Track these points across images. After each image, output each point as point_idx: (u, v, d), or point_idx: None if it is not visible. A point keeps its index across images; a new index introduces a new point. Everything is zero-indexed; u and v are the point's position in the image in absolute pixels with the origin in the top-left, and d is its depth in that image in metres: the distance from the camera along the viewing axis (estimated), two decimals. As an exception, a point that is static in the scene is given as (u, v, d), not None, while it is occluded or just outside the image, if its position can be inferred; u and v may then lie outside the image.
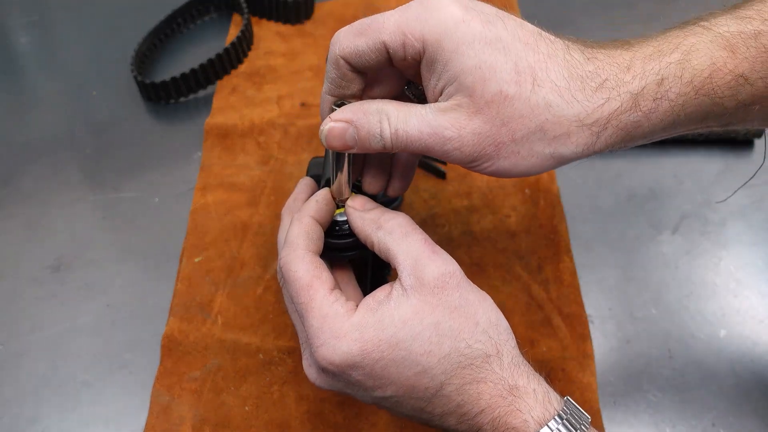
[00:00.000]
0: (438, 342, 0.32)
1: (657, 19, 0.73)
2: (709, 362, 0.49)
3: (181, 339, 0.51)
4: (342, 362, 0.32)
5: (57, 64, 0.76)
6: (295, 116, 0.66)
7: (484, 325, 0.33)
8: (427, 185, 0.60)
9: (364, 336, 0.32)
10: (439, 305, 0.33)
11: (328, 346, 0.32)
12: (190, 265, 0.56)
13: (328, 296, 0.34)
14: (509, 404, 0.32)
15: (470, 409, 0.32)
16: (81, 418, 0.49)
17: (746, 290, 0.52)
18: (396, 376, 0.32)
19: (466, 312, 0.33)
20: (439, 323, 0.32)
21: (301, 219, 0.37)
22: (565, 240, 0.55)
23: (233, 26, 0.76)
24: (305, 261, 0.35)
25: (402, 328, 0.32)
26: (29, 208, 0.62)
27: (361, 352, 0.32)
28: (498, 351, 0.33)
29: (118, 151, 0.66)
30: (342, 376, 0.33)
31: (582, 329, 0.50)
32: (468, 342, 0.33)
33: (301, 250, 0.35)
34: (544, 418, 0.32)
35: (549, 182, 0.59)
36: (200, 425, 0.47)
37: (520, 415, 0.32)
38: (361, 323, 0.33)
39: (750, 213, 0.56)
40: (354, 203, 0.38)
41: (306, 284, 0.34)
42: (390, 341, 0.32)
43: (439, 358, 0.32)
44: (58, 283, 0.56)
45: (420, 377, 0.32)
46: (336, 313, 0.33)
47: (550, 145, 0.32)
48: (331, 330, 0.32)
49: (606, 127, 0.32)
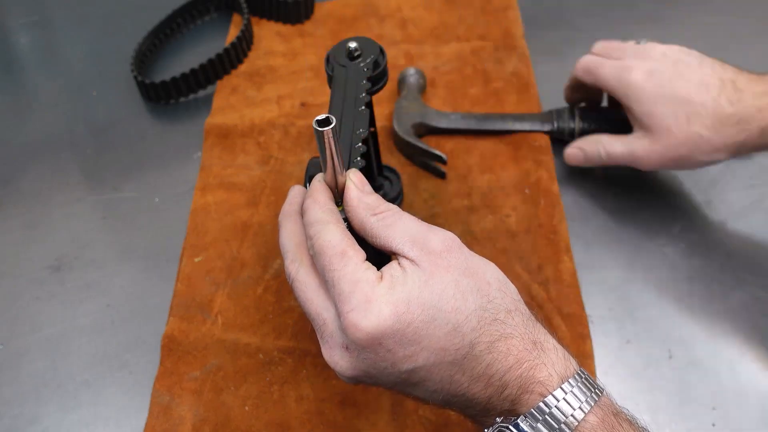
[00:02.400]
0: (462, 298, 0.33)
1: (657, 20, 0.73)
2: (709, 362, 0.49)
3: (181, 339, 0.51)
4: (373, 328, 0.32)
5: (57, 64, 0.76)
6: (295, 116, 0.66)
7: (496, 284, 0.35)
8: (427, 185, 0.60)
9: (395, 298, 0.32)
10: (450, 266, 0.34)
11: (359, 309, 0.32)
12: (190, 265, 0.56)
13: (360, 264, 0.34)
14: (535, 358, 0.33)
15: (499, 369, 0.33)
16: (81, 418, 0.49)
17: (746, 290, 0.52)
18: (428, 339, 0.32)
19: (476, 272, 0.34)
20: (458, 281, 0.33)
21: (318, 200, 0.37)
22: (565, 240, 0.55)
23: (233, 26, 0.76)
24: (338, 231, 0.35)
25: (425, 288, 0.33)
26: (29, 208, 0.62)
27: (394, 314, 0.32)
28: (516, 307, 0.34)
29: (118, 151, 0.66)
30: (370, 349, 0.33)
31: (582, 329, 0.50)
32: (488, 297, 0.34)
33: (332, 223, 0.35)
34: (565, 375, 0.33)
35: (549, 182, 0.59)
36: (200, 425, 0.47)
37: (545, 369, 0.33)
38: (390, 287, 0.33)
39: (750, 213, 0.56)
40: (354, 177, 0.38)
41: (340, 252, 0.34)
42: (419, 301, 0.32)
43: (467, 314, 0.33)
44: (58, 283, 0.56)
45: (451, 337, 0.32)
46: (368, 279, 0.33)
47: (709, 156, 0.51)
48: (364, 293, 0.33)
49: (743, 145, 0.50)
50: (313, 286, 0.36)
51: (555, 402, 0.32)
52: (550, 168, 0.60)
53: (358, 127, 0.41)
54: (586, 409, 0.32)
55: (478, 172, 0.60)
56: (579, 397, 0.32)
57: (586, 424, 0.32)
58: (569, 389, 0.32)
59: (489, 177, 0.60)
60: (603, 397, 0.33)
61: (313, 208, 0.37)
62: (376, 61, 0.45)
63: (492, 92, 0.67)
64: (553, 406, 0.32)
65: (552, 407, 0.32)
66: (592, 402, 0.32)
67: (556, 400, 0.32)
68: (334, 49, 0.46)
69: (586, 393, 0.32)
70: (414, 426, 0.46)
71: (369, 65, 0.45)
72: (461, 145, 0.62)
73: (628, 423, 0.33)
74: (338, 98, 0.43)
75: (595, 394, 0.33)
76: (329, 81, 0.46)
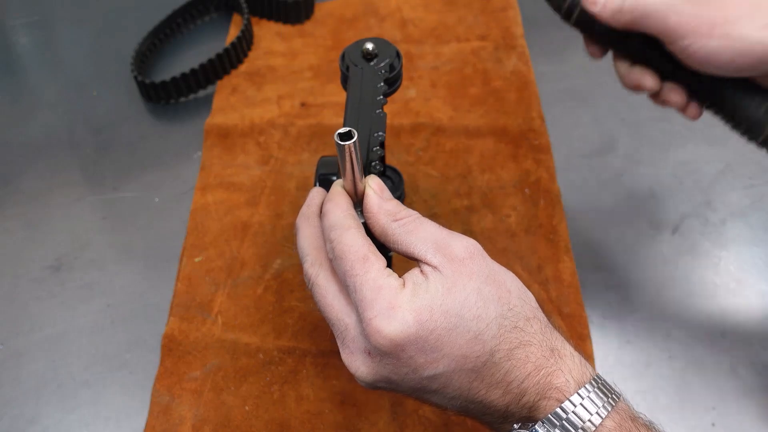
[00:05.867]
0: (484, 306, 0.33)
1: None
2: (709, 362, 0.49)
3: (181, 339, 0.51)
4: (396, 335, 0.32)
5: (57, 64, 0.76)
6: (295, 116, 0.66)
7: (516, 291, 0.35)
8: (427, 185, 0.60)
9: (418, 305, 0.32)
10: (473, 274, 0.34)
11: (383, 316, 0.32)
12: (190, 265, 0.56)
13: (383, 270, 0.34)
14: (552, 365, 0.33)
15: (517, 376, 0.33)
16: (81, 418, 0.49)
17: (746, 290, 0.52)
18: (449, 347, 0.32)
19: (497, 280, 0.34)
20: (480, 289, 0.33)
21: (339, 204, 0.37)
22: (565, 240, 0.55)
23: (233, 26, 0.76)
24: (359, 236, 0.35)
25: (448, 296, 0.33)
26: (29, 208, 0.62)
27: (417, 322, 0.32)
28: (534, 314, 0.35)
29: (118, 151, 0.66)
30: (393, 355, 0.33)
31: (582, 329, 0.50)
32: (509, 306, 0.34)
33: (353, 229, 0.35)
34: (582, 380, 0.33)
35: (549, 182, 0.59)
36: (200, 425, 0.47)
37: (562, 375, 0.33)
38: (413, 293, 0.33)
39: (750, 213, 0.56)
40: (373, 184, 0.37)
41: (362, 257, 0.34)
42: (442, 309, 0.33)
43: (488, 322, 0.33)
44: (58, 283, 0.56)
45: (472, 344, 0.33)
46: (390, 285, 0.33)
47: (760, 31, 0.37)
48: (387, 300, 0.33)
49: None
50: (334, 290, 0.36)
51: (572, 407, 0.32)
52: (550, 168, 0.60)
53: (376, 130, 0.41)
54: (603, 414, 0.32)
55: (478, 172, 0.60)
56: (596, 402, 0.32)
57: (604, 429, 0.32)
58: (586, 394, 0.32)
59: (489, 177, 0.60)
60: (620, 402, 0.34)
61: (334, 212, 0.37)
62: (392, 64, 0.45)
63: (492, 92, 0.67)
64: (570, 412, 0.32)
65: (569, 412, 0.32)
66: (609, 407, 0.32)
67: (573, 406, 0.32)
68: (349, 48, 0.46)
69: (603, 398, 0.33)
70: (414, 426, 0.46)
71: (385, 67, 0.45)
72: (461, 145, 0.62)
73: (645, 427, 0.33)
74: (354, 100, 0.43)
75: (612, 399, 0.33)
76: (343, 80, 0.46)
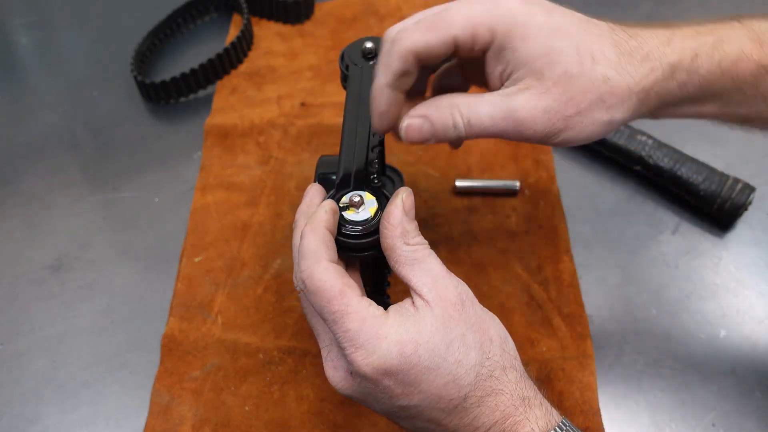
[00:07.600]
0: (466, 352, 0.34)
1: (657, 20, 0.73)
2: (709, 362, 0.49)
3: (181, 339, 0.51)
4: (380, 365, 0.32)
5: (57, 64, 0.76)
6: (295, 116, 0.66)
7: (497, 341, 0.36)
8: (427, 185, 0.60)
9: (404, 338, 0.33)
10: (461, 319, 0.34)
11: (367, 348, 0.33)
12: (190, 265, 0.56)
13: (362, 300, 0.34)
14: (521, 414, 0.34)
15: (484, 422, 0.34)
16: (81, 418, 0.49)
17: (746, 290, 0.52)
18: (427, 384, 0.33)
19: (481, 328, 0.35)
20: (465, 335, 0.34)
21: (316, 230, 0.36)
22: (565, 240, 0.55)
23: (233, 26, 0.76)
24: (331, 270, 0.35)
25: (436, 335, 0.33)
26: (29, 208, 0.62)
27: (400, 354, 0.32)
28: (512, 364, 0.35)
29: (118, 151, 0.66)
30: (373, 382, 0.33)
31: (582, 329, 0.50)
32: (488, 354, 0.35)
33: (324, 261, 0.35)
34: (546, 428, 0.34)
35: (549, 182, 0.59)
36: (200, 425, 0.47)
37: (528, 424, 0.34)
38: (400, 325, 0.33)
39: (750, 213, 0.56)
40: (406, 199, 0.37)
41: (339, 292, 0.34)
42: (428, 346, 0.33)
43: (467, 369, 0.34)
44: (58, 283, 0.56)
45: (449, 387, 0.33)
46: (374, 315, 0.33)
47: (608, 113, 0.36)
48: (372, 331, 0.33)
49: (649, 94, 0.36)
50: None
51: None
52: (550, 168, 0.60)
53: None
54: None
55: (478, 172, 0.60)
56: None
57: None
58: None
59: (489, 177, 0.60)
60: None
61: (309, 239, 0.36)
62: None
63: (492, 92, 0.67)
64: None
65: None
66: None
67: None
68: (349, 47, 0.46)
69: None
70: (414, 426, 0.46)
71: None
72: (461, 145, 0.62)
73: None
74: (354, 99, 0.43)
75: None
76: (342, 79, 0.46)
